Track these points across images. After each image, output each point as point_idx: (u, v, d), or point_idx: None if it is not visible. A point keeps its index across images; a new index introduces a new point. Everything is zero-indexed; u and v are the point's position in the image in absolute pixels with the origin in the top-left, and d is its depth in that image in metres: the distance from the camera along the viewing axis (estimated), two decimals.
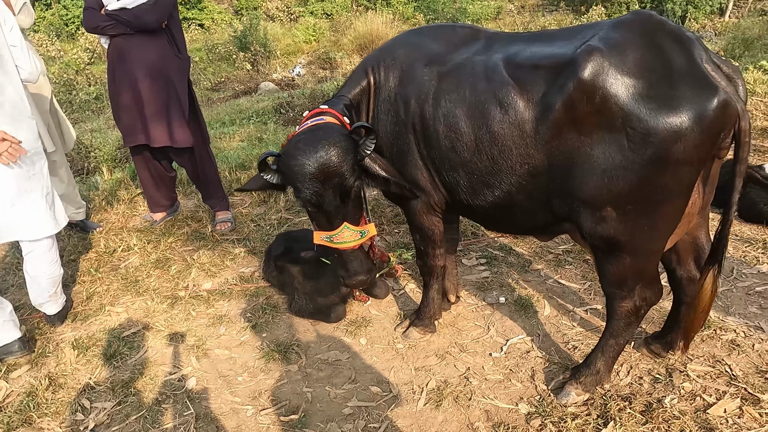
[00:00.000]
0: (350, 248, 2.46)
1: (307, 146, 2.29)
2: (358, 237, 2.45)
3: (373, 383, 2.72)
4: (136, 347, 3.05)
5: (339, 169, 2.28)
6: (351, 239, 2.42)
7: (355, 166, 2.34)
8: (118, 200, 4.66)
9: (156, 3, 3.62)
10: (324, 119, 2.48)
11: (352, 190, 2.36)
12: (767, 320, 2.92)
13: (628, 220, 2.11)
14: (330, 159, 2.26)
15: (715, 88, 1.93)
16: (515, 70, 2.19)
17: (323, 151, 2.26)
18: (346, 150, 2.30)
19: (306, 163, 2.26)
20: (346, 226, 2.40)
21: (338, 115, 2.54)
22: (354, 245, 2.45)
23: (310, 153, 2.27)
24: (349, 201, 2.38)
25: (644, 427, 2.31)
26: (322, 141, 2.30)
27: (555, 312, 3.13)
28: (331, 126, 2.43)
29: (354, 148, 2.34)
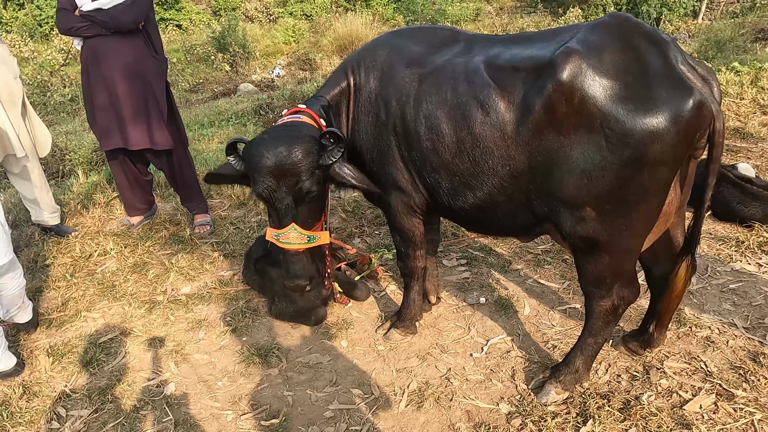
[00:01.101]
0: (295, 250, 2.44)
1: (271, 140, 2.31)
2: (305, 241, 2.43)
3: (355, 385, 2.71)
4: (113, 353, 2.99)
5: (295, 169, 2.28)
6: (296, 241, 2.41)
7: (314, 170, 2.33)
8: (94, 204, 4.57)
9: (133, 3, 3.56)
10: (300, 118, 2.48)
11: (306, 193, 2.34)
12: (741, 317, 2.98)
13: (607, 220, 2.13)
14: (289, 157, 2.26)
15: (690, 89, 1.96)
16: (496, 72, 2.21)
17: (284, 147, 2.27)
18: (307, 152, 2.30)
19: (265, 156, 2.27)
20: (293, 227, 2.38)
21: (314, 115, 2.54)
22: (298, 248, 2.43)
23: (271, 147, 2.28)
24: (302, 203, 2.37)
25: (622, 425, 2.34)
26: (286, 138, 2.31)
27: (535, 311, 3.16)
28: (302, 125, 2.44)
29: (318, 152, 2.33)
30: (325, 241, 2.54)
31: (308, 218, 2.43)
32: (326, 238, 2.54)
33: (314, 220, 2.47)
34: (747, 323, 2.93)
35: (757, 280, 3.27)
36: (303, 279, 2.49)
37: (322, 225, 2.55)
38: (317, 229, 2.49)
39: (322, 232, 2.51)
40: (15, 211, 4.44)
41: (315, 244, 2.49)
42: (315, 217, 2.47)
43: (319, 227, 2.51)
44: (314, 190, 2.36)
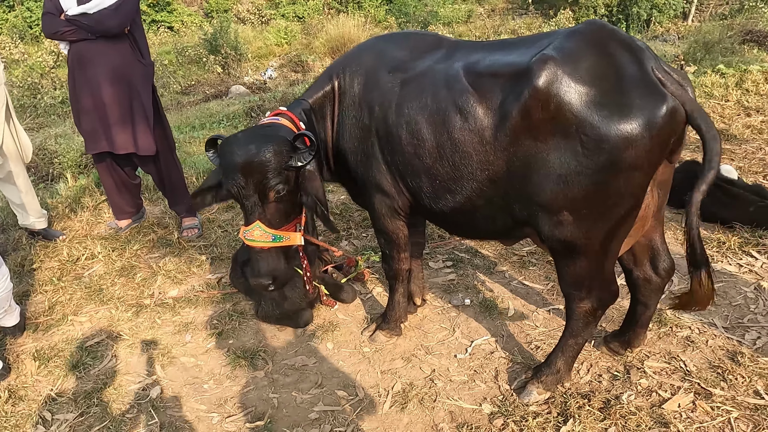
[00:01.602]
0: (259, 248, 2.47)
1: (244, 138, 2.38)
2: (269, 240, 2.45)
3: (340, 387, 2.74)
4: (99, 357, 3.01)
5: (263, 168, 2.32)
6: (260, 239, 2.44)
7: (283, 171, 2.37)
8: (83, 207, 4.58)
9: (118, 8, 3.58)
10: (279, 120, 2.54)
11: (272, 192, 2.38)
12: (721, 317, 3.03)
13: (584, 224, 2.17)
14: (257, 155, 2.31)
15: (663, 95, 2.00)
16: (475, 78, 2.24)
17: (254, 145, 2.32)
18: (277, 152, 2.34)
19: (235, 152, 2.33)
20: (258, 225, 2.42)
21: (294, 118, 2.58)
22: (262, 246, 2.46)
23: (242, 144, 2.34)
24: (268, 202, 2.40)
25: (602, 424, 2.38)
26: (259, 137, 2.38)
27: (519, 313, 3.20)
28: (278, 127, 2.49)
29: (288, 154, 2.37)
30: (294, 242, 2.55)
31: (276, 218, 2.46)
32: (296, 240, 2.55)
33: (283, 220, 2.49)
34: (726, 323, 2.97)
35: (738, 280, 3.32)
36: (265, 278, 2.52)
37: (295, 226, 2.56)
38: (288, 229, 2.51)
39: (291, 233, 2.52)
40: (2, 215, 4.45)
41: (280, 244, 2.50)
42: (284, 218, 2.49)
43: (290, 228, 2.53)
44: (281, 190, 2.40)
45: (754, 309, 3.07)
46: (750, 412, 2.40)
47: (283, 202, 2.47)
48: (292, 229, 2.55)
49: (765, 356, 2.71)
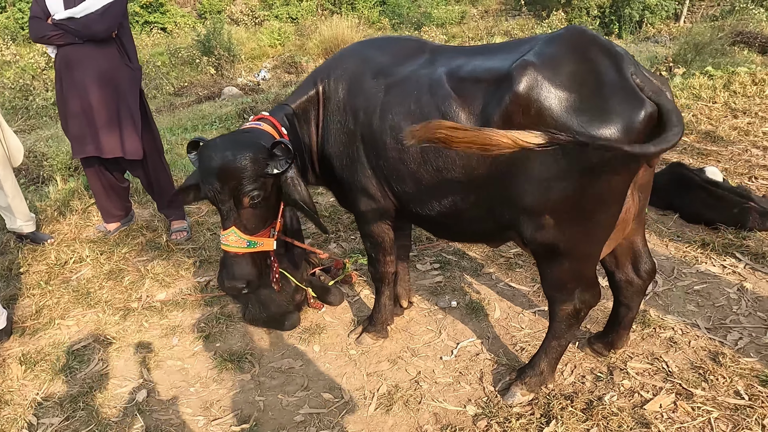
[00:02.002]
0: (233, 252, 2.50)
1: (222, 143, 2.40)
2: (244, 245, 2.48)
3: (326, 390, 2.75)
4: (86, 361, 3.01)
5: (238, 173, 2.34)
6: (235, 245, 2.47)
7: (259, 178, 2.39)
8: (71, 210, 4.58)
9: (105, 12, 3.58)
10: (261, 125, 2.56)
11: (247, 199, 2.40)
12: (703, 317, 3.06)
13: (566, 227, 2.19)
14: (233, 161, 2.33)
15: (642, 101, 2.02)
16: (457, 83, 2.26)
17: (231, 151, 2.34)
18: (253, 159, 2.36)
19: (212, 157, 2.36)
20: (233, 230, 2.45)
21: (276, 123, 2.61)
22: (237, 251, 2.49)
23: (219, 149, 2.36)
24: (244, 208, 2.43)
25: (584, 425, 2.40)
26: (236, 143, 2.39)
27: (505, 314, 3.22)
28: (258, 133, 2.51)
29: (264, 161, 2.39)
30: (268, 248, 2.58)
31: (252, 224, 2.48)
32: (270, 246, 2.58)
33: (258, 226, 2.51)
34: (709, 324, 3.01)
35: (721, 281, 3.35)
36: (239, 282, 2.55)
37: (270, 232, 2.58)
38: (262, 235, 2.53)
39: (265, 239, 2.55)
40: None
41: (255, 250, 2.53)
42: (259, 224, 2.51)
43: (265, 234, 2.55)
44: (257, 197, 2.42)
45: (737, 310, 3.10)
46: (730, 412, 2.43)
47: (258, 208, 2.48)
48: (266, 234, 2.57)
49: (746, 357, 2.74)
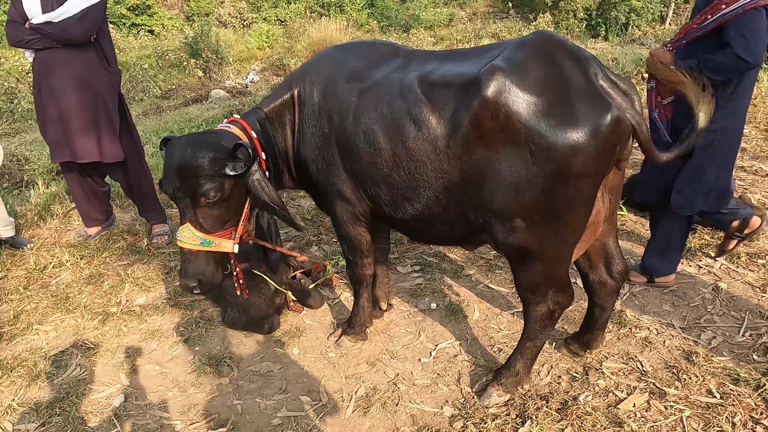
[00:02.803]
0: (186, 249, 2.51)
1: (186, 141, 2.44)
2: (197, 243, 2.48)
3: (304, 393, 2.76)
4: (63, 366, 3.00)
5: (195, 172, 2.36)
6: (188, 242, 2.48)
7: (216, 178, 2.40)
8: (52, 215, 4.55)
9: (83, 17, 3.57)
10: (230, 128, 2.58)
11: (203, 197, 2.42)
12: (679, 317, 3.10)
13: (537, 230, 2.21)
14: (191, 160, 2.35)
15: (608, 105, 2.06)
16: (428, 88, 2.28)
17: (191, 150, 2.37)
18: (212, 159, 2.38)
19: (174, 154, 2.40)
20: (187, 227, 2.46)
21: (246, 127, 2.63)
22: (190, 248, 2.49)
23: (181, 147, 2.40)
24: (199, 206, 2.44)
25: (559, 425, 2.43)
26: (198, 142, 2.42)
27: (484, 316, 3.25)
28: (225, 134, 2.54)
29: (224, 162, 2.41)
30: (224, 249, 2.57)
31: (207, 223, 2.49)
32: (228, 248, 2.57)
33: (215, 225, 2.51)
34: (684, 323, 3.05)
35: (696, 281, 3.40)
36: (190, 280, 2.54)
37: (230, 234, 2.58)
38: (220, 236, 2.54)
39: (222, 240, 2.54)
40: None
41: (209, 249, 2.52)
42: (216, 224, 2.52)
43: (223, 235, 2.55)
44: (213, 196, 2.42)
45: (711, 309, 3.15)
46: (702, 410, 2.46)
47: (215, 208, 2.49)
48: (226, 236, 2.56)
49: (719, 356, 2.78)
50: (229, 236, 2.57)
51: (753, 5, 2.55)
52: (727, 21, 2.61)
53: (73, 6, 3.54)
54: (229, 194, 2.48)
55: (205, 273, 2.56)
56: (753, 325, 2.99)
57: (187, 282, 2.55)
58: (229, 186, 2.46)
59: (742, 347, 2.84)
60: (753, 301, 3.18)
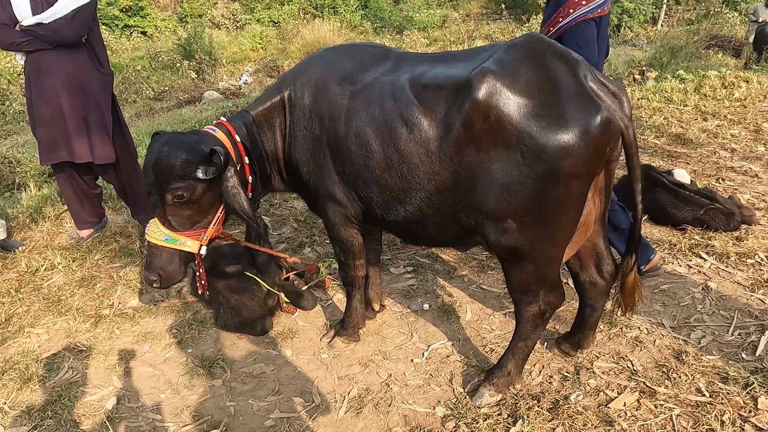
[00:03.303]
0: (152, 244, 2.58)
1: (165, 138, 2.50)
2: (162, 239, 2.55)
3: (297, 394, 2.77)
4: (55, 369, 2.99)
5: (166, 171, 2.42)
6: (153, 236, 2.56)
7: (186, 179, 2.44)
8: (44, 217, 4.54)
9: (74, 17, 3.56)
10: (214, 131, 2.61)
11: (170, 195, 2.46)
12: (669, 317, 3.13)
13: (528, 231, 2.23)
14: (165, 159, 2.42)
15: (598, 106, 2.08)
16: (420, 90, 2.29)
17: (167, 149, 2.44)
18: (184, 160, 2.42)
19: (151, 150, 2.48)
20: (155, 222, 2.54)
21: (231, 130, 2.65)
22: (155, 242, 2.57)
23: (159, 144, 2.47)
24: (168, 203, 2.49)
25: (550, 424, 2.44)
26: (177, 142, 2.47)
27: (476, 316, 3.26)
28: (206, 137, 2.57)
29: (196, 165, 2.44)
30: (188, 249, 2.61)
31: (175, 221, 2.54)
32: (193, 248, 2.61)
33: (183, 225, 2.56)
34: (674, 323, 3.08)
35: (687, 281, 3.43)
36: (151, 274, 2.61)
37: (199, 235, 2.61)
38: (187, 236, 2.58)
39: (188, 240, 2.58)
40: None
41: (173, 247, 2.57)
42: (184, 223, 2.56)
43: (191, 236, 2.59)
44: (181, 196, 2.47)
45: (701, 309, 3.18)
46: (691, 409, 2.49)
47: (184, 209, 2.53)
48: (194, 236, 2.60)
49: (708, 355, 2.81)
50: (197, 237, 2.61)
51: (583, 18, 2.87)
52: (564, 32, 2.92)
53: (63, 7, 3.53)
54: (201, 197, 2.52)
55: (166, 269, 2.62)
56: (742, 324, 3.02)
57: (148, 275, 2.62)
58: (201, 189, 2.50)
59: (731, 346, 2.87)
60: (742, 301, 3.22)
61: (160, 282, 2.64)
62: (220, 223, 2.69)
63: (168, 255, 2.60)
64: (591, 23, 2.91)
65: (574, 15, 2.88)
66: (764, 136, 5.86)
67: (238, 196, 2.53)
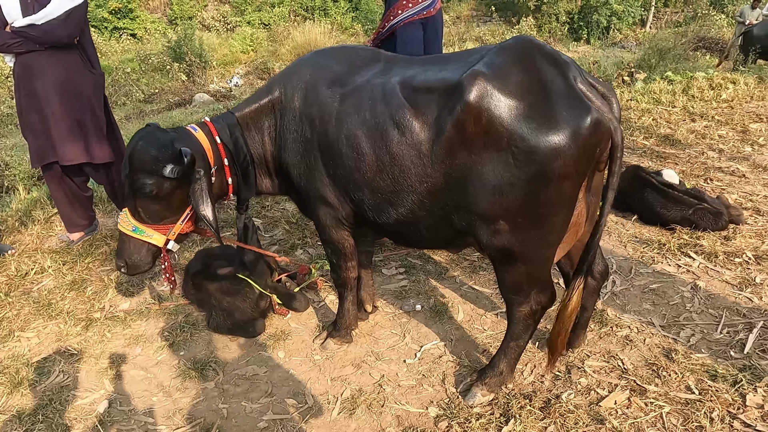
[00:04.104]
0: (122, 232, 2.67)
1: (145, 133, 2.56)
2: (129, 229, 2.64)
3: (290, 395, 2.76)
4: (46, 373, 2.97)
5: (136, 165, 2.50)
6: (122, 225, 2.66)
7: (153, 175, 2.48)
8: (33, 221, 4.50)
9: (67, 18, 3.55)
10: (196, 130, 2.65)
11: (140, 190, 2.52)
12: (658, 316, 3.16)
13: (520, 232, 2.25)
14: (137, 152, 2.49)
15: (588, 108, 2.09)
16: (411, 93, 2.30)
17: (141, 143, 2.51)
18: (153, 156, 2.47)
19: (131, 141, 2.57)
20: (125, 212, 2.65)
21: (213, 131, 2.67)
22: (123, 231, 2.66)
23: (137, 137, 2.55)
24: (136, 196, 2.56)
25: (542, 423, 2.46)
26: (152, 136, 2.53)
27: (468, 317, 3.28)
28: (184, 135, 2.61)
29: (164, 163, 2.47)
30: (156, 243, 2.68)
31: (144, 213, 2.61)
32: (156, 240, 2.67)
33: (153, 218, 2.63)
34: (664, 322, 3.11)
35: (676, 280, 3.47)
36: (119, 261, 2.73)
37: (166, 230, 2.67)
38: (156, 229, 2.65)
39: (154, 233, 2.65)
40: None
41: (139, 238, 2.65)
42: (153, 216, 2.63)
43: (159, 230, 2.65)
44: (147, 191, 2.51)
45: (690, 307, 3.21)
46: (681, 406, 2.51)
47: (152, 203, 2.58)
48: (161, 230, 2.66)
49: (698, 353, 2.84)
50: (164, 231, 2.67)
51: (409, 19, 3.09)
52: (394, 31, 3.13)
53: (56, 8, 3.52)
54: (169, 193, 2.56)
55: (133, 258, 2.70)
56: (730, 322, 3.06)
57: (117, 261, 2.74)
58: (169, 186, 2.53)
59: (719, 344, 2.90)
60: (730, 299, 3.26)
61: (127, 269, 2.72)
62: (190, 220, 2.73)
63: (136, 245, 2.68)
64: (417, 24, 3.13)
65: (401, 16, 3.10)
66: (751, 136, 5.94)
67: (200, 199, 2.55)
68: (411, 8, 3.07)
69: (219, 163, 2.67)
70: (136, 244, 2.68)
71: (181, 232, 2.73)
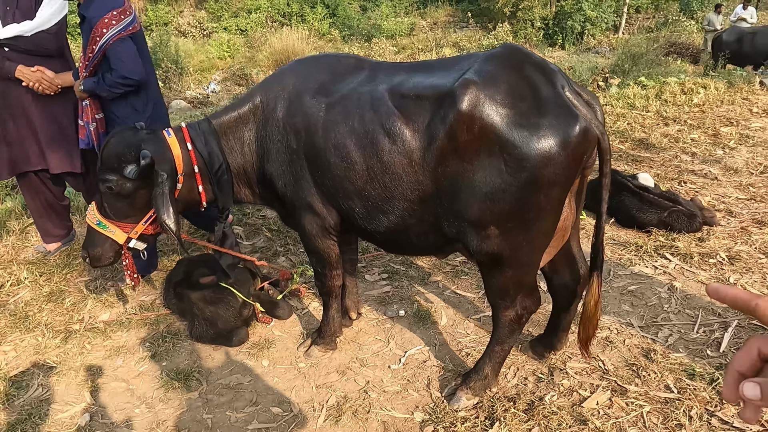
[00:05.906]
0: (89, 224, 2.77)
1: (117, 132, 2.67)
2: (94, 222, 2.74)
3: (275, 404, 2.75)
4: (25, 387, 2.91)
5: (103, 162, 2.60)
6: (89, 218, 2.77)
7: (116, 173, 2.57)
8: (8, 231, 4.40)
9: (58, 30, 3.53)
10: (169, 135, 2.68)
11: (105, 186, 2.61)
12: (637, 317, 3.23)
13: (510, 237, 2.27)
14: (107, 149, 2.60)
15: (576, 116, 2.13)
16: (400, 100, 2.30)
17: (112, 141, 2.61)
18: (117, 156, 2.56)
19: (107, 138, 2.67)
20: (92, 205, 2.77)
21: (186, 137, 2.69)
22: (89, 224, 2.77)
23: (111, 135, 2.66)
24: (102, 192, 2.66)
25: (526, 425, 2.49)
26: (121, 137, 2.62)
27: (451, 321, 3.30)
28: (155, 138, 2.65)
29: (126, 163, 2.55)
30: (117, 239, 2.75)
31: (109, 209, 2.71)
32: (117, 237, 2.75)
33: (117, 215, 2.72)
34: (642, 322, 3.17)
35: (653, 281, 3.54)
36: (83, 251, 2.84)
37: (129, 228, 2.75)
38: (120, 226, 2.73)
39: (117, 230, 2.74)
40: None
41: (101, 232, 2.74)
42: (117, 213, 2.72)
43: (123, 226, 2.74)
44: (112, 189, 2.60)
45: (667, 308, 3.29)
46: (661, 405, 2.57)
47: (115, 200, 2.67)
48: (124, 228, 2.74)
49: (675, 352, 2.91)
50: (127, 229, 2.74)
51: (119, 35, 3.17)
52: (105, 50, 3.18)
53: (45, 20, 3.47)
54: (131, 193, 2.64)
55: (95, 251, 2.79)
56: (706, 321, 3.14)
57: (81, 251, 2.85)
58: (132, 186, 2.61)
59: (696, 343, 2.97)
60: (706, 299, 3.34)
61: (90, 261, 2.81)
62: (152, 221, 2.77)
63: (99, 238, 2.77)
64: (127, 39, 3.21)
65: (107, 35, 3.14)
66: (722, 140, 6.10)
67: (161, 202, 2.55)
68: (115, 25, 3.15)
69: (189, 169, 2.66)
70: (99, 237, 2.76)
71: (145, 232, 2.78)
